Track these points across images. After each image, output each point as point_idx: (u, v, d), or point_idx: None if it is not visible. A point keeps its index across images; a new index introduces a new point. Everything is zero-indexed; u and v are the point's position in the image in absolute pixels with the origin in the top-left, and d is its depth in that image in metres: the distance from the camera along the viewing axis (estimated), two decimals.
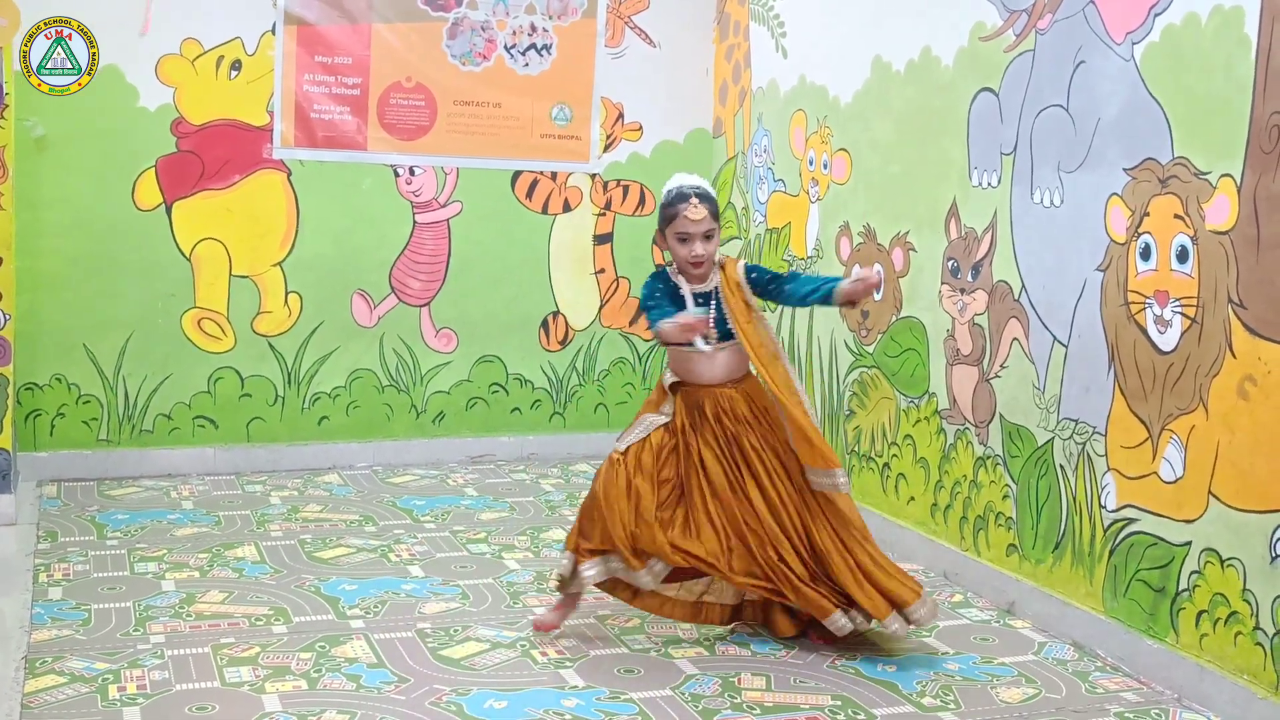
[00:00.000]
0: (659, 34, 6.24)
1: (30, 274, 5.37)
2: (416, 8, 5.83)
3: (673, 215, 3.77)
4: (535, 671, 3.63)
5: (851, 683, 3.62)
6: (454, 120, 5.95)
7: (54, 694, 3.35)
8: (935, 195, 4.63)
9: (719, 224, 3.83)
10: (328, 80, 5.73)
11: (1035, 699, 3.55)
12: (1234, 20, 3.39)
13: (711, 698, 3.49)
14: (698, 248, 3.75)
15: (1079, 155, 3.93)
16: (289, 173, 5.74)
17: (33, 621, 3.85)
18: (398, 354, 6.00)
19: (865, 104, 5.07)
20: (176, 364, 5.67)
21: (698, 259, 3.76)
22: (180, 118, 5.56)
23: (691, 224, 3.73)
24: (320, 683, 3.49)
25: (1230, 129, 3.39)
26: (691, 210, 3.73)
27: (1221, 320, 3.42)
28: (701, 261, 3.78)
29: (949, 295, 4.56)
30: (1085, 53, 3.89)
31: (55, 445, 5.56)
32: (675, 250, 3.80)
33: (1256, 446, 3.32)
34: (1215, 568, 3.46)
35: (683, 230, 3.76)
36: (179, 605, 4.04)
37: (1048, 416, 4.08)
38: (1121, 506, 3.79)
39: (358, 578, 4.38)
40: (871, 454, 5.04)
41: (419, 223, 5.97)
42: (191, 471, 5.70)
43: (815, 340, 5.43)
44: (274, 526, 4.96)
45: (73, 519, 4.96)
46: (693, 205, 3.73)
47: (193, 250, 5.64)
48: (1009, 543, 4.27)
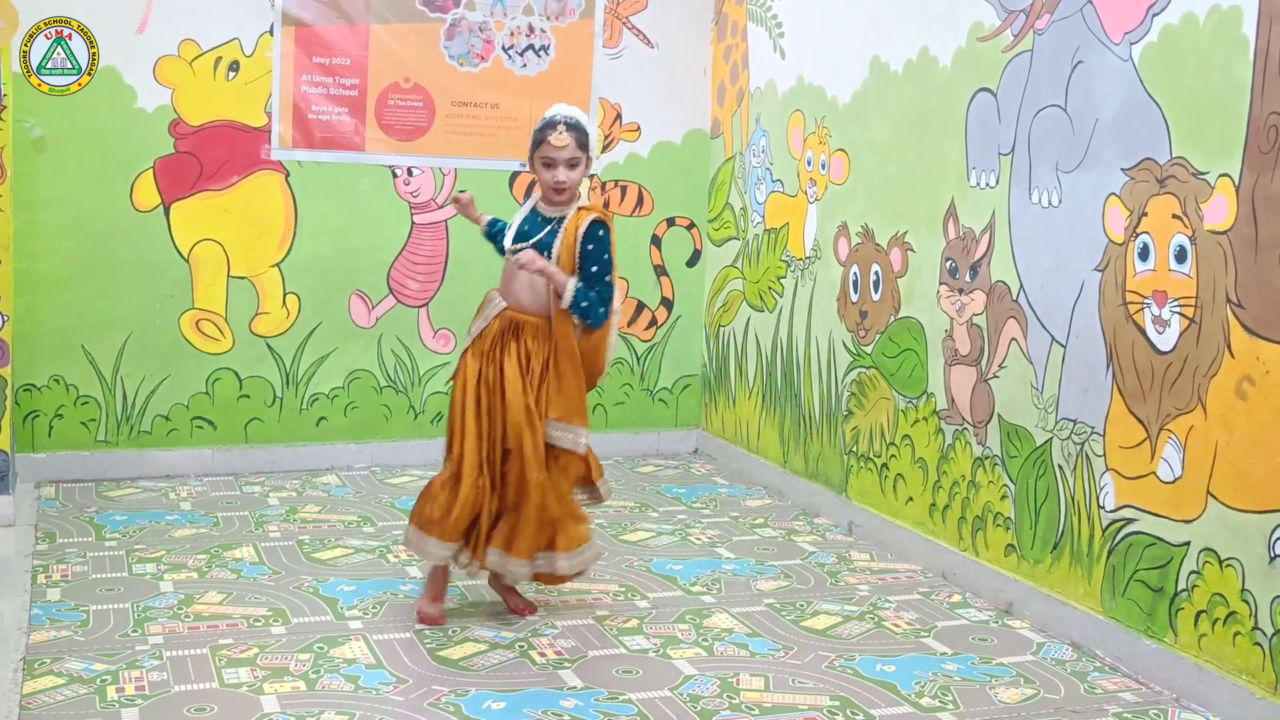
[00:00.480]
0: (657, 34, 6.24)
1: (28, 275, 5.36)
2: (414, 8, 5.83)
3: (540, 140, 3.92)
4: (533, 672, 3.63)
5: (850, 683, 3.62)
6: (452, 121, 5.94)
7: (52, 695, 3.35)
8: (933, 195, 4.63)
9: (586, 154, 3.94)
10: (326, 81, 5.73)
11: (1034, 699, 3.56)
12: (1232, 20, 3.39)
13: (710, 698, 3.49)
14: (560, 173, 3.88)
15: (1077, 155, 3.93)
16: (287, 173, 5.74)
17: (31, 623, 3.85)
18: (396, 355, 6.00)
19: (863, 104, 5.07)
20: (175, 365, 5.67)
21: (560, 184, 3.89)
22: (178, 119, 5.56)
23: (555, 149, 3.87)
24: (319, 684, 3.49)
25: (1228, 129, 3.39)
26: (556, 137, 3.87)
27: (1220, 320, 3.42)
28: (564, 187, 3.90)
29: (947, 295, 4.57)
30: (1083, 53, 3.90)
31: (53, 446, 5.55)
32: (540, 174, 3.94)
33: (1255, 446, 3.33)
34: (1214, 568, 3.46)
35: (547, 155, 3.89)
36: (177, 606, 4.04)
37: (1046, 417, 4.08)
38: (1120, 507, 3.79)
39: (356, 578, 4.38)
40: (870, 454, 5.04)
41: (417, 223, 5.97)
42: (190, 472, 5.70)
43: (814, 340, 5.44)
44: (272, 527, 4.95)
45: (71, 520, 4.96)
46: (558, 132, 3.87)
47: (191, 251, 5.64)
48: (1007, 543, 4.28)
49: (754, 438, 5.96)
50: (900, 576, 4.61)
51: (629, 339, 6.34)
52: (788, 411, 5.65)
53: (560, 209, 3.94)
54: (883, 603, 4.31)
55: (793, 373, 5.59)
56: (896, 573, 4.65)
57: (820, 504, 5.36)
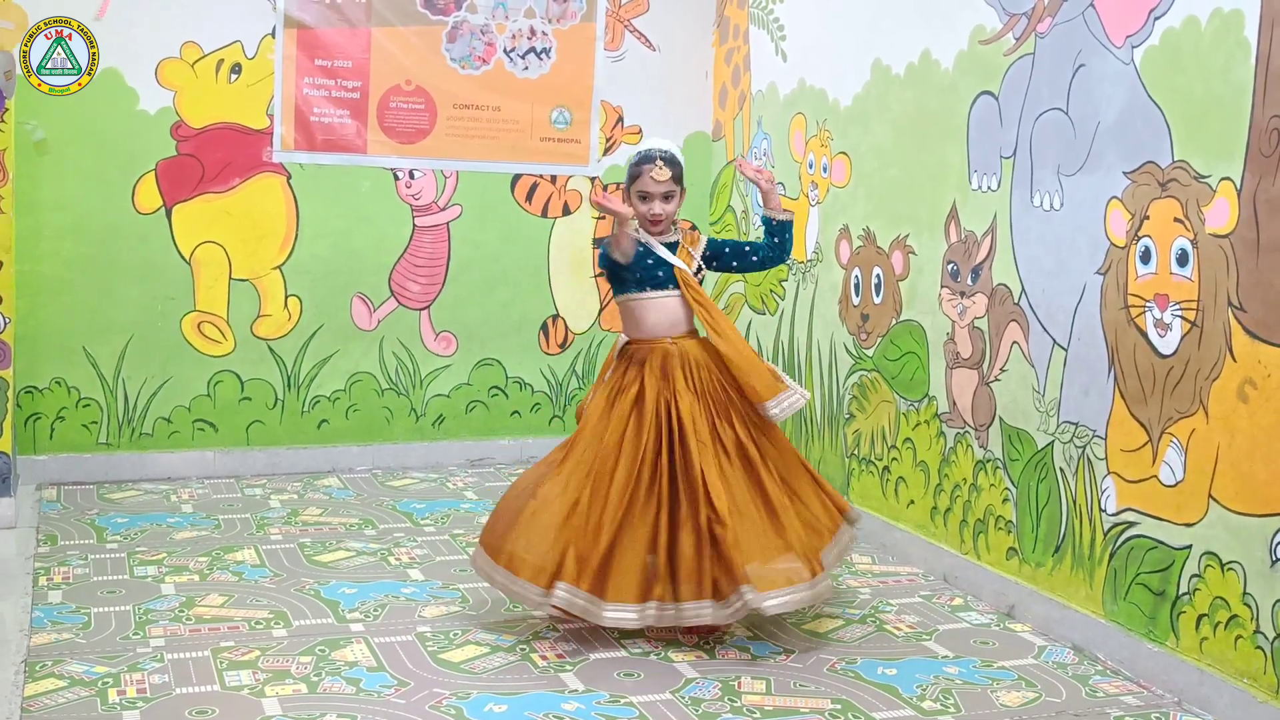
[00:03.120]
0: (658, 37, 6.24)
1: (30, 277, 5.37)
2: (416, 11, 5.83)
3: (637, 174, 4.05)
4: (535, 675, 3.63)
5: (852, 686, 3.62)
6: (453, 123, 5.95)
7: (54, 697, 3.35)
8: (935, 198, 4.63)
9: (682, 187, 4.08)
10: (327, 84, 5.73)
11: (1035, 703, 3.55)
12: (1234, 23, 3.39)
13: (711, 701, 3.49)
14: (656, 206, 4.02)
15: (1079, 158, 3.93)
16: (289, 176, 5.75)
17: (32, 625, 3.85)
18: (397, 357, 6.00)
19: (865, 107, 5.07)
20: (176, 367, 5.67)
21: (655, 217, 4.03)
22: (180, 121, 5.56)
23: (655, 184, 4.01)
24: (320, 686, 3.49)
25: (1230, 132, 3.39)
26: (657, 171, 4.01)
27: (1221, 323, 3.42)
28: (660, 219, 4.04)
29: (949, 298, 4.57)
30: (1085, 56, 3.90)
31: (55, 449, 5.55)
32: (637, 207, 4.05)
33: (1256, 450, 3.32)
34: (1215, 571, 3.46)
35: (645, 189, 4.02)
36: (179, 609, 4.04)
37: (1048, 420, 4.08)
38: (1121, 510, 3.79)
39: (357, 581, 4.38)
40: (871, 457, 5.04)
41: (418, 226, 5.97)
42: (191, 475, 5.70)
43: (815, 344, 5.44)
44: (274, 530, 4.95)
45: (72, 522, 4.96)
46: (658, 167, 4.01)
47: (192, 253, 5.64)
48: (1009, 546, 4.27)
49: None
50: (902, 579, 4.61)
51: None
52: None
53: (665, 236, 4.09)
54: (884, 606, 4.31)
55: (794, 375, 5.58)
56: (898, 576, 4.65)
57: None
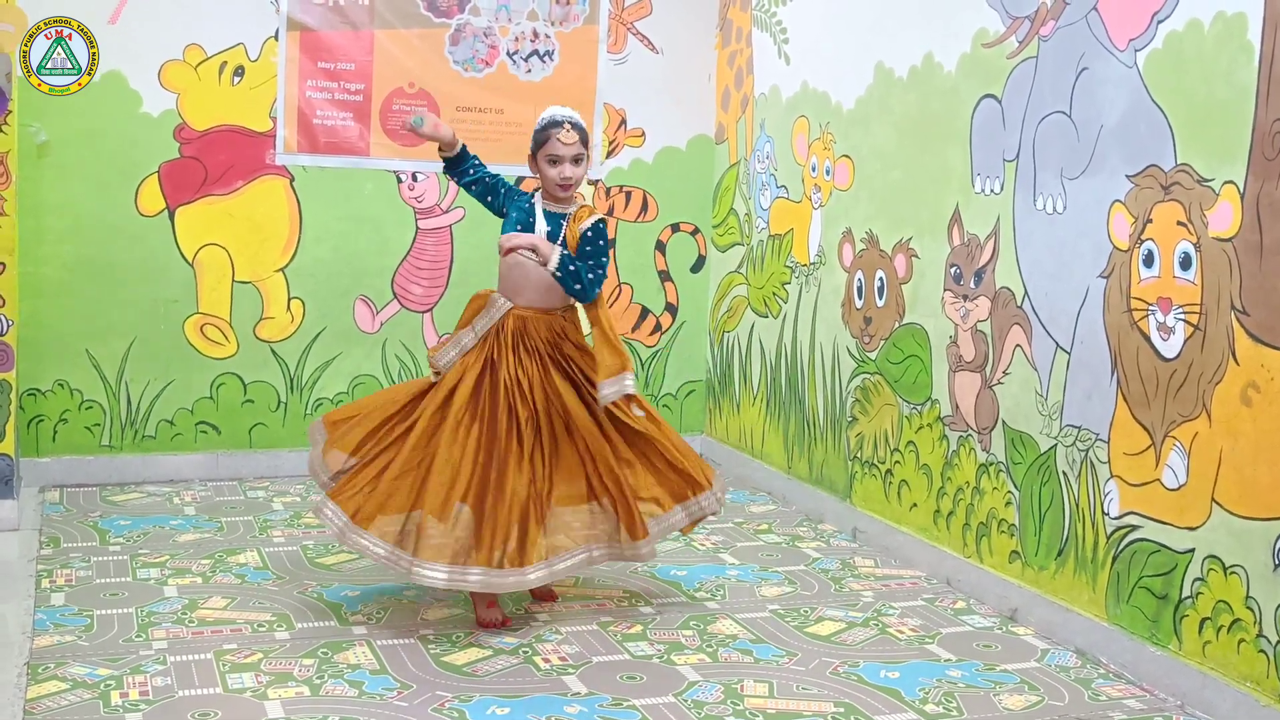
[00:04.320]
0: (661, 40, 6.24)
1: (33, 280, 5.37)
2: (419, 14, 5.83)
3: (545, 139, 4.08)
4: (538, 678, 3.63)
5: (854, 689, 3.61)
6: (456, 126, 5.93)
7: (56, 700, 3.35)
8: (938, 201, 4.63)
9: (587, 150, 4.12)
10: (330, 86, 5.74)
11: (1038, 706, 3.55)
12: (1237, 26, 3.39)
13: (714, 705, 3.48)
14: (566, 169, 4.05)
15: (1082, 162, 3.93)
16: (291, 178, 5.75)
17: (35, 627, 3.85)
18: (400, 360, 6.00)
19: (868, 110, 5.07)
20: (179, 370, 5.68)
21: (566, 180, 4.07)
22: (183, 123, 5.57)
23: (564, 146, 4.04)
24: (323, 689, 3.49)
25: (1233, 135, 3.39)
26: (565, 134, 4.04)
27: (1224, 327, 3.42)
28: (570, 183, 4.07)
29: (952, 302, 4.56)
30: (1088, 59, 3.90)
31: (58, 451, 5.56)
32: (545, 171, 4.09)
33: (1259, 453, 3.32)
34: (1218, 575, 3.45)
35: (554, 153, 4.06)
36: (181, 611, 4.04)
37: (1050, 423, 4.07)
38: (1124, 513, 3.78)
39: (360, 584, 4.38)
40: (874, 460, 5.04)
41: (421, 229, 5.97)
42: (194, 477, 5.70)
43: (818, 347, 5.44)
44: (276, 532, 4.95)
45: (75, 525, 4.97)
46: (565, 130, 4.05)
47: (195, 256, 5.65)
48: (1012, 549, 4.27)
49: (758, 443, 5.96)
50: (904, 583, 4.60)
51: (634, 344, 6.34)
52: (792, 417, 5.65)
53: (564, 205, 4.11)
54: (887, 609, 4.31)
55: (797, 379, 5.59)
56: (901, 579, 4.64)
57: (824, 510, 5.35)
